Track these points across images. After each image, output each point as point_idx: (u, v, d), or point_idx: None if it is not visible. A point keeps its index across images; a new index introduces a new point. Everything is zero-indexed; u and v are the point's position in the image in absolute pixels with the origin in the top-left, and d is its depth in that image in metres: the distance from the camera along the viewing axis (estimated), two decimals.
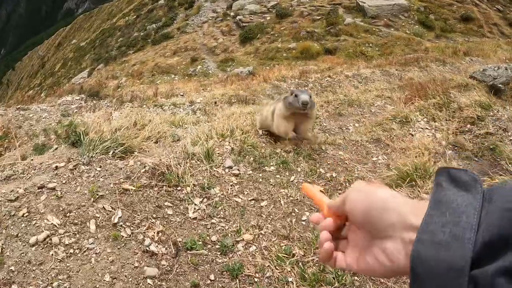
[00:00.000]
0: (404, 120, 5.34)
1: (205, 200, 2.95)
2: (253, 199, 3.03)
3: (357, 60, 17.73)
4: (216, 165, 3.35)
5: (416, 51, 20.16)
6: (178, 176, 3.16)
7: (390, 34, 25.05)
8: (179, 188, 3.07)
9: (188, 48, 27.24)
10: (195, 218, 2.79)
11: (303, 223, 2.84)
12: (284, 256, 2.42)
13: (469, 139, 4.71)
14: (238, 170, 3.34)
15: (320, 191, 1.01)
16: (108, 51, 33.37)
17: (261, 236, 2.64)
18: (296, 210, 2.96)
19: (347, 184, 3.50)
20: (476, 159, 4.34)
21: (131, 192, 3.00)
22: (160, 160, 3.38)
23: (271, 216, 2.86)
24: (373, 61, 15.96)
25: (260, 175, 3.34)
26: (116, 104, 9.40)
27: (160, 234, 2.72)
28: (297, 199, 3.07)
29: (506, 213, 0.54)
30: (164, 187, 3.08)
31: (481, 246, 0.53)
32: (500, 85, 6.78)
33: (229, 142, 4.02)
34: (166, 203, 2.93)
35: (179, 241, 2.64)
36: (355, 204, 0.71)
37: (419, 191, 3.06)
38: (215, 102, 9.12)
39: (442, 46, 19.24)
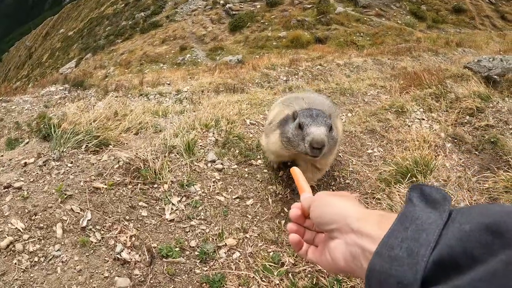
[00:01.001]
0: (400, 110, 5.05)
1: (184, 199, 2.62)
2: (237, 197, 2.70)
3: (348, 49, 17.48)
4: (197, 159, 3.01)
5: (408, 41, 19.99)
6: (155, 172, 2.82)
7: (382, 24, 24.91)
8: (155, 185, 2.73)
9: (177, 37, 27.04)
10: (172, 220, 2.46)
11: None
12: (272, 266, 2.10)
13: (468, 132, 4.46)
14: (221, 164, 3.00)
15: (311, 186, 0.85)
16: (96, 40, 33.00)
17: (246, 240, 2.32)
18: (285, 209, 2.64)
19: (341, 179, 3.20)
20: (476, 152, 4.09)
21: (103, 191, 2.67)
22: (136, 154, 3.03)
23: (258, 217, 2.54)
24: (364, 50, 15.72)
25: (246, 169, 3.01)
26: (101, 93, 9.00)
27: (133, 238, 2.39)
28: (287, 196, 2.75)
29: (461, 235, 0.54)
30: (139, 184, 2.74)
31: (432, 265, 0.54)
32: (495, 77, 6.59)
33: (214, 133, 3.67)
34: (140, 203, 2.59)
35: (154, 247, 2.31)
36: (313, 210, 0.83)
37: None
38: (202, 91, 8.75)
39: (434, 37, 19.12)
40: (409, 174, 2.83)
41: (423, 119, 4.94)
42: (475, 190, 3.29)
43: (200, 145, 3.32)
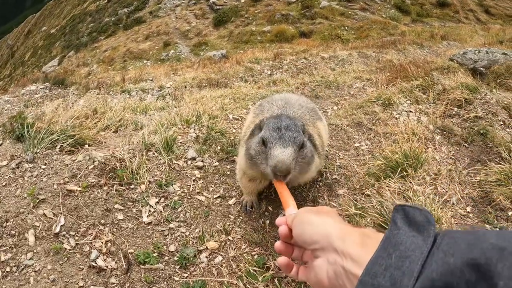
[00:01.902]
0: (386, 102, 4.94)
1: (162, 200, 2.43)
2: (219, 197, 2.53)
3: (333, 43, 17.41)
4: (176, 157, 2.83)
5: (392, 34, 20.06)
6: (132, 172, 2.63)
7: (366, 18, 24.99)
8: (132, 186, 2.54)
9: (161, 33, 26.92)
10: (150, 223, 2.28)
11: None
12: (257, 271, 1.94)
13: (457, 123, 4.38)
14: (202, 161, 2.82)
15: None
16: (79, 38, 32.61)
17: (228, 243, 2.16)
18: (270, 208, 2.48)
19: (328, 174, 3.05)
20: (466, 145, 4.00)
21: (77, 194, 2.48)
22: (113, 153, 2.84)
23: (241, 217, 2.38)
24: (349, 44, 15.67)
25: (228, 166, 2.83)
26: (82, 91, 8.71)
27: (109, 244, 2.21)
28: (271, 194, 2.59)
29: (444, 269, 0.51)
30: (115, 185, 2.55)
31: None
32: (481, 69, 6.59)
33: (195, 129, 3.49)
34: (116, 206, 2.41)
35: (131, 253, 2.13)
36: (294, 229, 0.84)
37: (411, 182, 2.64)
38: (185, 87, 8.54)
39: (419, 30, 19.24)
40: (400, 168, 2.70)
41: (411, 111, 4.84)
42: (467, 184, 3.19)
43: (180, 142, 3.13)
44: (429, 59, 8.41)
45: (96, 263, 2.10)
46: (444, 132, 4.17)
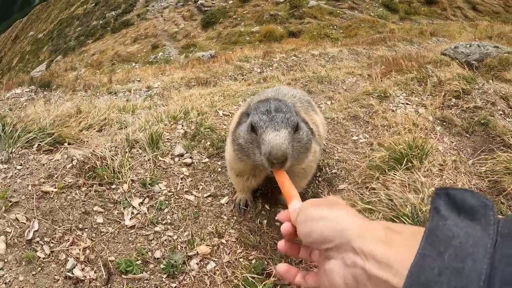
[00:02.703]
0: (382, 95, 4.77)
1: (146, 200, 2.19)
2: (210, 195, 2.29)
3: (322, 42, 17.33)
4: (162, 154, 2.58)
5: (381, 33, 20.07)
6: (113, 170, 2.38)
7: (354, 17, 25.03)
8: (113, 186, 2.30)
9: (149, 35, 26.89)
10: (132, 227, 2.03)
11: (278, 224, 2.13)
12: (255, 278, 1.70)
13: (456, 114, 4.25)
14: (190, 158, 2.58)
15: None
16: (67, 42, 32.33)
17: (222, 247, 1.92)
18: (267, 207, 2.25)
19: (327, 169, 2.84)
20: (467, 135, 3.87)
21: (52, 196, 2.24)
22: (93, 151, 2.59)
23: (235, 217, 2.14)
24: (338, 42, 15.61)
25: (219, 163, 2.60)
26: (69, 94, 8.43)
27: (87, 251, 1.97)
28: (267, 192, 2.36)
29: None
30: (95, 186, 2.30)
31: None
32: (474, 62, 6.55)
33: (182, 125, 3.25)
34: (95, 208, 2.16)
35: (112, 261, 1.89)
36: (299, 227, 0.71)
37: (417, 173, 2.43)
38: (174, 86, 8.30)
39: (407, 28, 19.30)
40: (405, 159, 2.50)
41: (408, 104, 4.69)
42: (473, 174, 3.03)
43: (167, 139, 2.89)
44: (420, 54, 8.32)
45: (73, 273, 1.87)
46: (444, 123, 4.03)
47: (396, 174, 2.33)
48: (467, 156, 3.36)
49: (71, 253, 1.96)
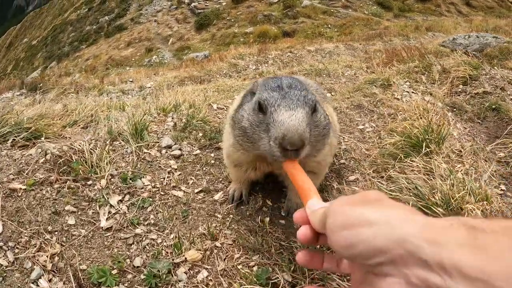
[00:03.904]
0: (386, 83, 4.52)
1: (126, 197, 1.88)
2: (201, 191, 1.97)
3: (317, 40, 17.19)
4: (148, 145, 2.27)
5: (376, 30, 19.98)
6: (92, 165, 2.08)
7: (349, 15, 24.99)
8: (89, 182, 1.99)
9: (143, 39, 27.03)
10: (109, 229, 1.72)
11: (283, 222, 1.82)
12: None
13: (465, 100, 4.02)
14: (180, 150, 2.27)
15: None
16: (61, 48, 32.46)
17: (216, 251, 1.60)
18: (268, 202, 1.94)
19: (334, 159, 2.54)
20: (479, 121, 3.62)
21: (20, 194, 1.95)
22: (71, 144, 2.29)
23: (231, 215, 1.83)
24: (333, 39, 15.47)
25: (212, 154, 2.29)
26: (60, 96, 8.15)
27: (56, 258, 1.66)
28: (268, 184, 2.06)
29: None
30: (68, 182, 1.99)
31: None
32: (474, 53, 6.39)
33: (173, 118, 2.95)
34: (67, 207, 1.85)
35: (83, 270, 1.57)
36: (334, 236, 0.54)
37: (438, 159, 2.13)
38: (167, 85, 8.04)
39: (402, 25, 19.19)
40: (424, 144, 2.20)
41: (413, 92, 4.44)
42: (492, 160, 2.76)
43: (155, 131, 2.58)
44: (421, 44, 8.13)
45: (38, 284, 1.57)
46: (454, 109, 3.79)
47: (414, 161, 2.03)
48: (483, 142, 3.12)
49: (37, 260, 1.66)
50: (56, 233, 1.76)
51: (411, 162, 2.05)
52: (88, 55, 26.63)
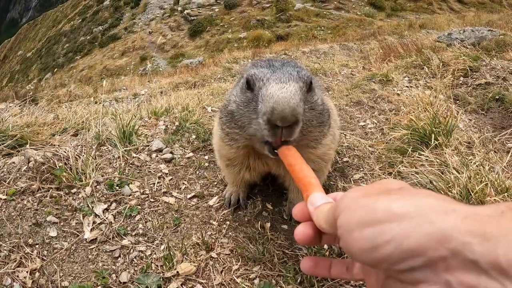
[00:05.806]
0: (384, 79, 4.40)
1: (113, 206, 1.72)
2: (194, 196, 1.81)
3: (311, 43, 17.19)
4: (137, 149, 2.12)
5: (369, 30, 20.04)
6: (77, 172, 1.92)
7: (341, 16, 25.05)
8: (73, 190, 1.83)
9: (137, 48, 27.24)
10: (93, 241, 1.56)
11: (285, 227, 1.66)
12: None
13: (467, 92, 3.91)
14: (171, 153, 2.11)
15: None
16: (55, 59, 32.48)
17: (211, 263, 1.44)
18: (269, 206, 1.79)
19: (337, 157, 2.39)
20: (483, 112, 3.52)
21: (0, 204, 1.80)
22: (56, 151, 2.14)
23: (228, 222, 1.67)
24: (327, 41, 15.42)
25: (206, 157, 2.13)
26: (53, 107, 8.03)
27: (37, 274, 1.50)
28: (267, 186, 1.90)
29: None
30: (51, 190, 1.84)
31: None
32: (470, 47, 6.32)
33: (165, 121, 2.80)
34: (49, 218, 1.70)
35: (65, 287, 1.41)
36: (351, 236, 0.43)
37: (448, 151, 1.99)
38: (161, 92, 7.92)
39: (395, 24, 19.21)
40: (433, 136, 2.05)
41: (412, 87, 4.33)
42: (501, 151, 2.62)
43: (145, 134, 2.43)
44: (418, 39, 8.08)
45: None
46: (457, 101, 3.69)
47: (423, 154, 1.89)
48: (489, 133, 2.99)
49: (17, 276, 1.51)
50: (37, 246, 1.61)
51: (419, 156, 1.90)
52: (83, 66, 26.70)
